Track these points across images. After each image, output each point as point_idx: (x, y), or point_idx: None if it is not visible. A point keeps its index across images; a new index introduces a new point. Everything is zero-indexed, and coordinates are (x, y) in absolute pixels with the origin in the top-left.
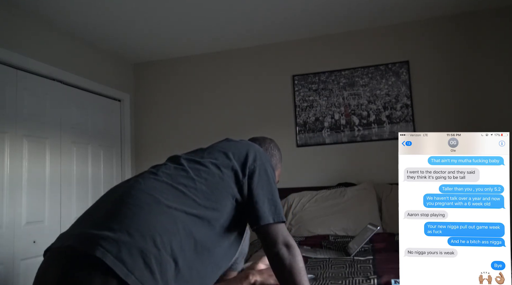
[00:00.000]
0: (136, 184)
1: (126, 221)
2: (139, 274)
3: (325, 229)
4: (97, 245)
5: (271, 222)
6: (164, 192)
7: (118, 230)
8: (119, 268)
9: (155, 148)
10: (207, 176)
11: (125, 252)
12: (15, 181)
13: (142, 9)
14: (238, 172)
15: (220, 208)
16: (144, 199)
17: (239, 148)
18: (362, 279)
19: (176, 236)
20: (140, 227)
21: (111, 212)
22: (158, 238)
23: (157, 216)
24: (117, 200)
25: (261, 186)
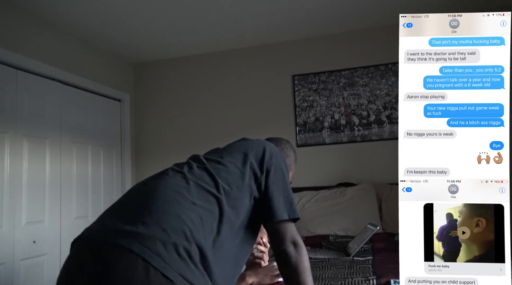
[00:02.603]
0: (163, 181)
1: (158, 216)
2: (175, 265)
3: (325, 229)
4: (134, 240)
5: (285, 218)
6: (190, 189)
7: (152, 225)
8: (157, 262)
9: (155, 148)
10: (228, 176)
11: (160, 246)
12: (15, 181)
13: (142, 9)
14: (256, 170)
15: (240, 206)
16: (173, 195)
17: (256, 146)
18: (362, 280)
19: (201, 231)
20: (172, 222)
21: (142, 207)
22: (188, 232)
23: (185, 211)
24: (147, 196)
25: (276, 183)
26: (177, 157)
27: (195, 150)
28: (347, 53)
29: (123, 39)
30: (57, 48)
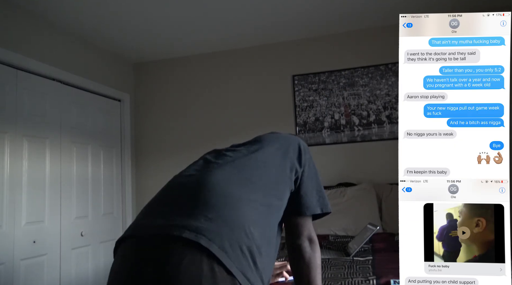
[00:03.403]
0: (212, 174)
1: (220, 211)
2: (238, 263)
3: (325, 229)
4: (200, 234)
5: (318, 212)
6: (241, 183)
7: (215, 220)
8: (224, 257)
9: (155, 148)
10: (271, 168)
11: (226, 242)
12: (15, 181)
13: (142, 9)
14: (295, 164)
15: (283, 198)
16: (228, 189)
17: (292, 140)
18: (362, 280)
19: (258, 226)
20: (234, 218)
21: (199, 201)
22: (247, 228)
23: (243, 207)
24: (200, 190)
25: (310, 177)
26: (177, 156)
27: (195, 149)
28: (347, 53)
29: (123, 39)
30: (57, 48)
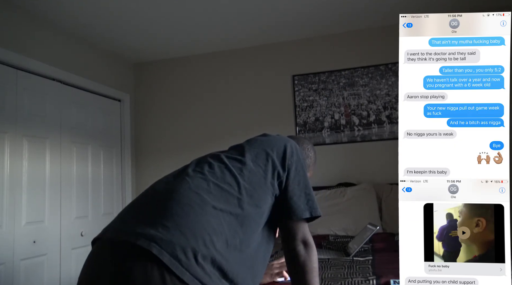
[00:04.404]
0: (184, 182)
1: (179, 220)
2: (193, 271)
3: (325, 229)
4: (153, 243)
5: (307, 216)
6: (211, 192)
7: (172, 229)
8: (175, 266)
9: (155, 148)
10: (249, 174)
11: (179, 251)
12: (15, 181)
13: (142, 9)
14: (278, 168)
15: (262, 205)
16: (194, 198)
17: (277, 143)
18: (361, 280)
19: (223, 235)
20: (192, 227)
21: (163, 209)
22: (207, 237)
23: (206, 216)
24: (167, 197)
25: (297, 181)
26: (177, 157)
27: (195, 149)
28: (347, 53)
29: (123, 39)
30: (57, 48)
